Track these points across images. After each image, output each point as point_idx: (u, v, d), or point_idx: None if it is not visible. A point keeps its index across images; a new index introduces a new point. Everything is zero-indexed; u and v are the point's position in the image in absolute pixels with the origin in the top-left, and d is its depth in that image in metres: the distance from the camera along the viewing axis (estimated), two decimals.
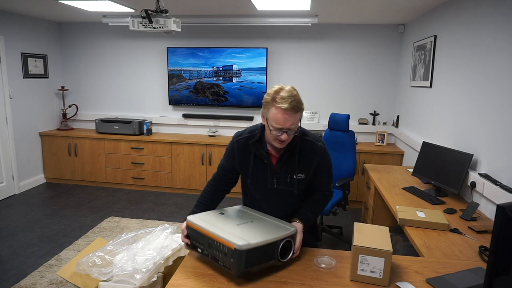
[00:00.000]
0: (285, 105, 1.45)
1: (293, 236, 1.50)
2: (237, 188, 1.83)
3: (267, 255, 1.40)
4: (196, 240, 1.51)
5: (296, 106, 1.48)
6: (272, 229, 1.48)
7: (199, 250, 1.50)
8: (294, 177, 1.64)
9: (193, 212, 1.68)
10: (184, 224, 1.57)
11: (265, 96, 1.53)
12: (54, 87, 5.24)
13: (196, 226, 1.50)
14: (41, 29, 4.96)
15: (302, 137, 1.64)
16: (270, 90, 1.53)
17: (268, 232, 1.45)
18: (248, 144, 1.66)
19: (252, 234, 1.41)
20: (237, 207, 1.75)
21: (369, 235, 1.46)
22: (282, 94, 1.47)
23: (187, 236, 1.55)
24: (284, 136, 1.50)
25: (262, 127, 1.65)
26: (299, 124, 1.55)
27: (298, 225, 1.61)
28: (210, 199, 1.76)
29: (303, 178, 1.66)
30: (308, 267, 1.51)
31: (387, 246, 1.37)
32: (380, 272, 1.37)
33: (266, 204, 1.73)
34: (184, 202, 4.50)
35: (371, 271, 1.37)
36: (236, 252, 1.31)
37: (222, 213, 1.63)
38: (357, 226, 1.54)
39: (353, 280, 1.40)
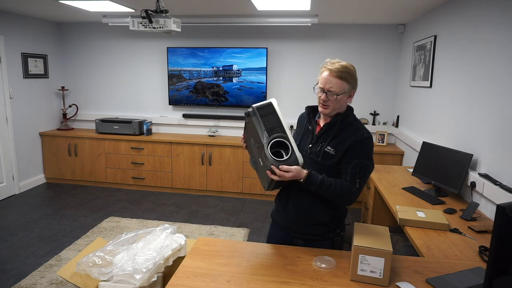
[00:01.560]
0: (331, 67, 1.58)
1: (292, 153, 1.51)
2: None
3: (271, 129, 1.52)
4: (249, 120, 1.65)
5: (342, 71, 1.57)
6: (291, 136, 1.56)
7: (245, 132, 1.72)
8: (324, 148, 1.64)
9: None
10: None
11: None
12: (54, 87, 5.24)
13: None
14: (41, 29, 4.96)
15: (351, 121, 1.67)
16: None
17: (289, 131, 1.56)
18: (307, 112, 1.78)
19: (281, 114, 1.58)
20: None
21: (369, 235, 1.46)
22: (335, 60, 1.61)
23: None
24: (323, 96, 1.60)
25: None
26: (346, 99, 1.64)
27: (301, 164, 1.53)
28: None
29: (332, 154, 1.61)
30: (308, 267, 1.51)
31: (387, 246, 1.37)
32: (380, 272, 1.37)
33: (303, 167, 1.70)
34: (184, 202, 4.50)
35: (371, 271, 1.37)
36: (251, 109, 1.58)
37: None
38: (357, 226, 1.54)
39: (353, 280, 1.40)
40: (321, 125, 1.70)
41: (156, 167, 4.82)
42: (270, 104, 1.57)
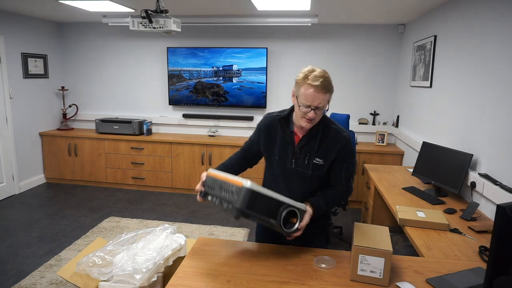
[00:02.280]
0: (316, 83, 1.50)
1: (301, 211, 1.50)
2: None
3: (270, 210, 1.43)
4: (209, 186, 1.54)
5: (326, 86, 1.52)
6: (282, 196, 1.51)
7: (209, 197, 1.54)
8: (313, 160, 1.65)
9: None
10: (204, 174, 1.60)
11: (298, 75, 1.58)
12: (54, 87, 5.24)
13: (214, 174, 1.54)
14: (41, 29, 4.96)
15: (329, 125, 1.67)
16: (302, 70, 1.57)
17: (278, 194, 1.48)
18: (276, 122, 1.71)
19: (263, 188, 1.46)
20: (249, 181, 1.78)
21: (369, 235, 1.46)
22: (315, 73, 1.52)
23: (203, 185, 1.58)
24: (311, 114, 1.54)
25: (291, 108, 1.70)
26: (327, 108, 1.58)
27: (307, 209, 1.60)
28: (231, 164, 1.84)
29: (321, 164, 1.66)
30: (308, 267, 1.51)
31: (387, 246, 1.37)
32: (380, 272, 1.37)
33: (284, 181, 1.72)
34: (184, 202, 4.50)
35: (371, 271, 1.37)
36: (242, 189, 1.36)
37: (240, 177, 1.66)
38: (357, 226, 1.54)
39: (353, 280, 1.40)
40: (300, 135, 1.67)
41: (156, 167, 4.82)
42: (249, 192, 1.38)
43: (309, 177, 1.68)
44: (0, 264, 2.96)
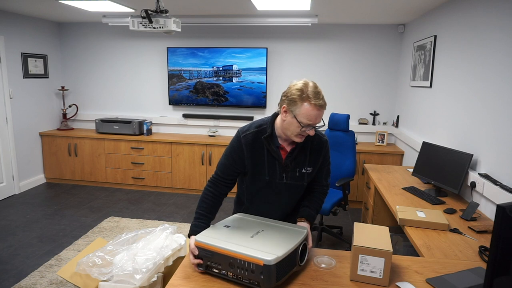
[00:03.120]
0: (320, 102, 1.45)
1: (306, 238, 1.50)
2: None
3: (291, 262, 1.37)
4: (211, 260, 1.39)
5: (325, 101, 1.49)
6: (287, 235, 1.46)
7: (215, 270, 1.39)
8: (303, 171, 1.65)
9: (195, 226, 1.58)
10: (192, 244, 1.44)
11: (291, 91, 1.48)
12: (54, 87, 5.24)
13: (209, 246, 1.38)
14: (41, 29, 4.96)
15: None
16: (294, 85, 1.48)
17: (286, 239, 1.41)
18: (258, 140, 1.61)
19: (272, 244, 1.37)
20: (236, 216, 1.68)
21: (369, 235, 1.46)
22: (313, 90, 1.45)
23: (198, 257, 1.43)
24: (312, 132, 1.51)
25: (271, 122, 1.61)
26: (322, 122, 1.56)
27: (306, 225, 1.63)
28: (211, 207, 1.66)
29: (310, 172, 1.68)
30: (308, 267, 1.51)
31: (387, 246, 1.37)
32: (380, 272, 1.36)
33: (271, 196, 1.71)
34: (184, 202, 4.50)
35: (371, 271, 1.37)
36: (266, 268, 1.25)
37: (227, 226, 1.55)
38: (357, 226, 1.54)
39: (353, 280, 1.40)
40: (287, 149, 1.62)
41: (156, 167, 4.82)
42: (275, 266, 1.27)
43: (300, 187, 1.70)
44: (0, 264, 2.96)
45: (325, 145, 1.69)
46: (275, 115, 1.64)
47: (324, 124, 1.58)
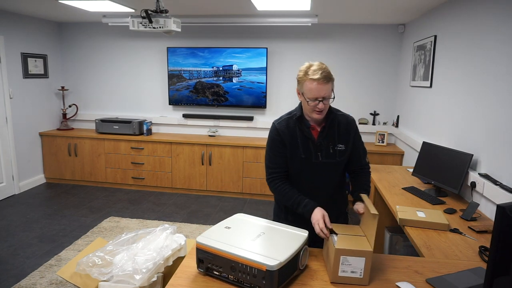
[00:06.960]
0: (317, 76, 1.59)
1: (306, 241, 1.50)
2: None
3: (292, 267, 1.38)
4: (212, 263, 1.40)
5: (326, 76, 1.60)
6: (288, 239, 1.46)
7: (216, 273, 1.40)
8: (336, 148, 1.74)
9: (309, 202, 1.68)
10: (317, 214, 1.60)
11: (298, 73, 1.67)
12: (54, 87, 5.24)
13: (210, 249, 1.39)
14: (41, 29, 4.96)
15: (336, 112, 1.79)
16: (301, 68, 1.66)
17: (287, 244, 1.41)
18: (290, 124, 1.75)
19: (274, 249, 1.37)
20: (236, 216, 1.67)
21: (347, 234, 1.50)
22: (313, 68, 1.61)
23: (199, 259, 1.45)
24: (321, 105, 1.63)
25: (300, 106, 1.76)
26: (333, 96, 1.67)
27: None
28: (295, 192, 1.75)
29: (343, 149, 1.76)
30: (308, 267, 1.51)
31: (367, 245, 1.40)
32: (360, 272, 1.38)
33: (310, 179, 1.77)
34: (184, 202, 4.50)
35: (352, 271, 1.38)
36: (268, 273, 1.26)
37: (228, 227, 1.54)
38: (335, 227, 1.57)
39: (334, 282, 1.40)
40: (318, 128, 1.75)
41: (156, 167, 4.82)
42: (278, 271, 1.29)
43: (336, 165, 1.76)
44: (0, 264, 2.96)
45: (353, 123, 1.80)
46: None
47: (334, 97, 1.67)
